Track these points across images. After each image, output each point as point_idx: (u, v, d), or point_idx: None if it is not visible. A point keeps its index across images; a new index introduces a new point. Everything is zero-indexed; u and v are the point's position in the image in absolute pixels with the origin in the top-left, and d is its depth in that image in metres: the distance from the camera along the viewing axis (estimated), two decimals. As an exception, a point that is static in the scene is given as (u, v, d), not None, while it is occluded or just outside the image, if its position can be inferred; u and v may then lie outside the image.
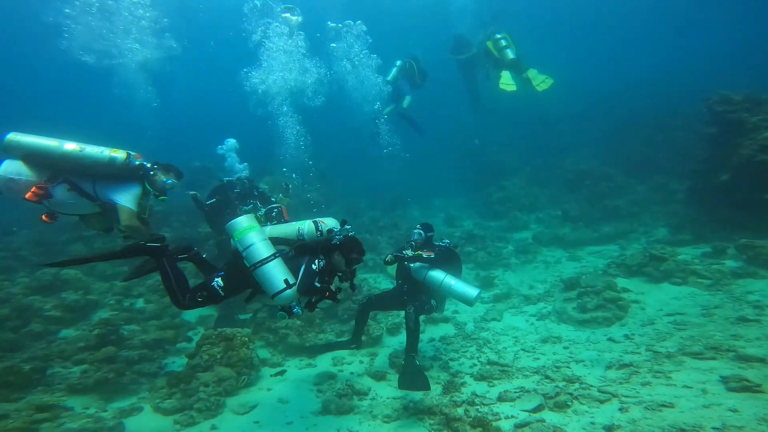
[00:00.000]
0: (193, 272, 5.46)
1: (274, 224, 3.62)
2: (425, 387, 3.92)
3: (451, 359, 4.87)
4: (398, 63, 10.42)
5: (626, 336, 4.81)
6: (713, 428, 2.90)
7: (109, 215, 3.56)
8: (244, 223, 3.16)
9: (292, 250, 3.28)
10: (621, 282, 6.63)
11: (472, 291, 4.34)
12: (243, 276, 3.14)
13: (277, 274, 3.03)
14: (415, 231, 4.79)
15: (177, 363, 5.09)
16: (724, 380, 3.48)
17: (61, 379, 4.57)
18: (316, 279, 3.12)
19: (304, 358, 5.22)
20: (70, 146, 3.35)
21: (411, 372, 4.04)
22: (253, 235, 3.11)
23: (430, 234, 4.80)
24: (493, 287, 7.33)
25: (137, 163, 3.53)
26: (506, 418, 3.46)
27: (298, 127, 10.07)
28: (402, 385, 3.99)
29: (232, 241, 3.18)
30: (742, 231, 7.47)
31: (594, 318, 5.42)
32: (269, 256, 3.05)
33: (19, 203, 3.45)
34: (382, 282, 8.58)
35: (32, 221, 10.03)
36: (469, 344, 5.22)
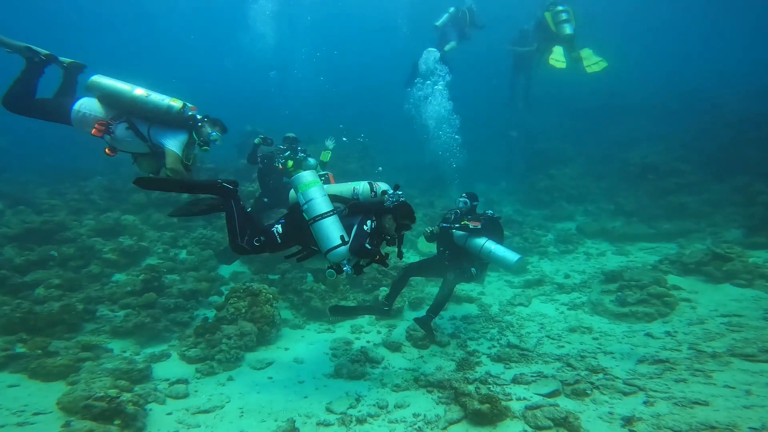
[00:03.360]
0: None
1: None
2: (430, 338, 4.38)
3: (470, 338, 4.73)
4: (451, 9, 10.22)
5: (667, 333, 4.36)
6: (750, 428, 2.57)
7: (157, 157, 3.92)
8: (308, 178, 3.26)
9: (347, 209, 3.36)
10: (673, 279, 6.01)
11: (512, 255, 4.42)
12: (300, 228, 3.28)
13: (333, 230, 3.15)
14: (461, 199, 4.91)
15: (208, 316, 5.33)
16: None
17: (106, 322, 5.02)
18: (367, 240, 3.19)
19: (324, 323, 5.33)
20: (139, 91, 3.73)
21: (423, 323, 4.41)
22: (316, 190, 3.22)
23: (474, 203, 4.92)
24: (525, 273, 6.97)
25: (190, 113, 3.85)
26: (518, 399, 3.29)
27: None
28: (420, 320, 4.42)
29: (293, 193, 3.33)
30: None
31: (633, 312, 4.96)
32: (327, 212, 3.17)
33: (89, 141, 3.85)
34: (412, 257, 8.52)
35: (106, 168, 11.23)
36: (491, 326, 5.03)
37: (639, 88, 18.91)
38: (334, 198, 3.37)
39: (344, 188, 3.48)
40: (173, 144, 3.76)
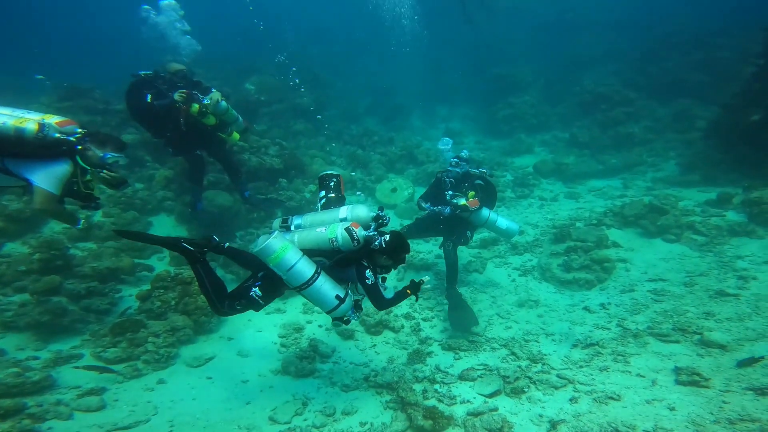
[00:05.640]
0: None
1: (302, 229, 3.15)
2: (474, 322, 4.52)
3: (424, 318, 4.81)
4: None
5: (602, 305, 4.73)
6: (644, 430, 2.92)
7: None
8: (276, 246, 2.78)
9: (332, 261, 3.07)
10: (614, 234, 6.42)
11: (515, 227, 5.01)
12: (282, 286, 3.04)
13: (326, 292, 2.92)
14: (454, 169, 4.86)
15: (133, 297, 4.68)
16: (677, 371, 3.47)
17: (-3, 312, 4.12)
18: (381, 287, 3.08)
19: (276, 300, 5.20)
20: None
21: (457, 306, 4.58)
22: (290, 256, 2.81)
23: (464, 170, 4.90)
24: (482, 229, 7.08)
25: (56, 135, 2.90)
26: (462, 402, 3.47)
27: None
28: (453, 326, 4.53)
29: (268, 264, 2.86)
30: (756, 174, 7.07)
31: (576, 279, 5.31)
32: (313, 276, 2.86)
33: None
34: (372, 206, 8.40)
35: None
36: (445, 301, 5.01)
37: (598, 2, 18.08)
38: (311, 252, 2.98)
39: (320, 239, 3.00)
40: (43, 180, 2.90)
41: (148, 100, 4.74)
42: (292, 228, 3.19)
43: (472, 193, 4.67)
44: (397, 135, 12.16)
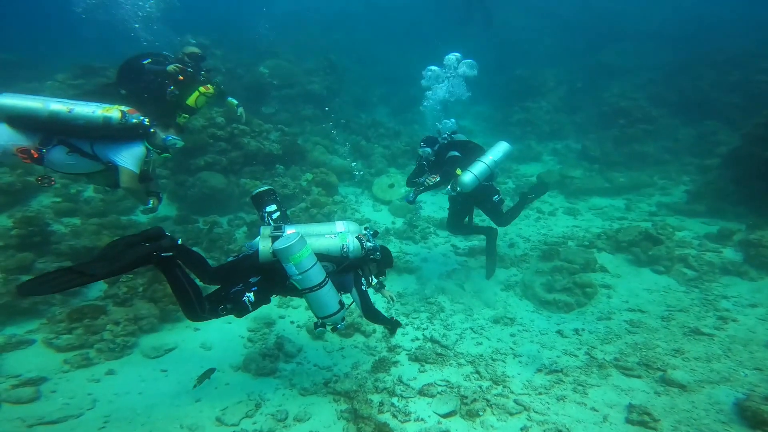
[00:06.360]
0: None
1: (307, 235, 3.08)
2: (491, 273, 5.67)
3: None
4: None
5: (575, 331, 4.78)
6: None
7: (113, 172, 3.43)
8: (300, 247, 2.79)
9: (335, 266, 3.17)
10: (603, 258, 6.41)
11: (505, 147, 5.20)
12: (277, 289, 3.11)
13: (332, 297, 3.04)
14: (421, 150, 5.17)
15: (104, 281, 4.29)
16: (630, 409, 3.50)
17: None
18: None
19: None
20: (57, 106, 3.14)
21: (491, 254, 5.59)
22: (310, 259, 2.87)
23: (433, 148, 5.13)
24: (473, 237, 7.12)
25: (134, 121, 3.28)
26: (416, 419, 3.44)
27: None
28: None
29: (284, 264, 2.84)
30: (766, 212, 6.97)
31: (556, 301, 5.36)
32: (324, 280, 2.95)
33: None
34: (364, 201, 8.45)
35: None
36: (422, 309, 5.17)
37: (644, 12, 17.36)
38: (321, 257, 3.03)
39: (331, 245, 3.11)
40: (127, 161, 3.28)
41: (144, 63, 4.91)
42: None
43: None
44: (405, 128, 12.09)
